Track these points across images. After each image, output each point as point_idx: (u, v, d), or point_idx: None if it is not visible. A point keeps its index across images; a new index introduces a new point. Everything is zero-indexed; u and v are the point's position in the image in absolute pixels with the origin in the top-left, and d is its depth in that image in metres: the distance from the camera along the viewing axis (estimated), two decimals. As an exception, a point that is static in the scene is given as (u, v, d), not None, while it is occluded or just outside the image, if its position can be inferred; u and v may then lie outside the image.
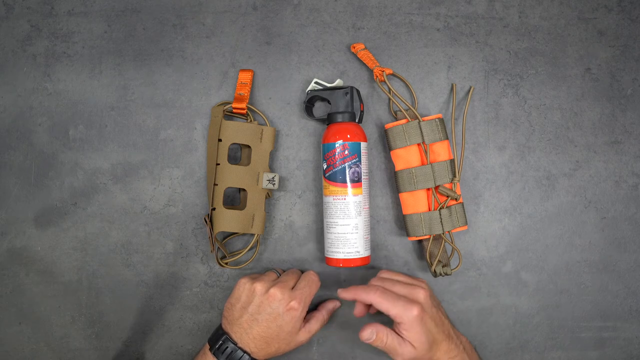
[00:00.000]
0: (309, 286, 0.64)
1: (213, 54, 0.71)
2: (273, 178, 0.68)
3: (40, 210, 0.71)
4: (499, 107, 0.71)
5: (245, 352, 0.61)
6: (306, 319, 0.65)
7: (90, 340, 0.71)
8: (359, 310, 0.66)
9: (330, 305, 0.69)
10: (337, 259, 0.65)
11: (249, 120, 0.70)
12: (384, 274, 0.65)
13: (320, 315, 0.66)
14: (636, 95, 0.72)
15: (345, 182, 0.65)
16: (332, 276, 0.71)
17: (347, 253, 0.65)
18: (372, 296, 0.60)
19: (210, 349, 0.62)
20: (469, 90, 0.70)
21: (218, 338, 0.62)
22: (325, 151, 0.66)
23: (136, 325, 0.71)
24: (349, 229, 0.65)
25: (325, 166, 0.66)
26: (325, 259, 0.68)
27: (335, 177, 0.65)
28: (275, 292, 0.62)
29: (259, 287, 0.63)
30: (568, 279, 0.71)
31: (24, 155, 0.71)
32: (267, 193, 0.69)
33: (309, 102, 0.70)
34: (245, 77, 0.70)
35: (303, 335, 0.64)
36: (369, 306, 0.67)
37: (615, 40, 0.72)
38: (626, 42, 0.72)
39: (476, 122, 0.71)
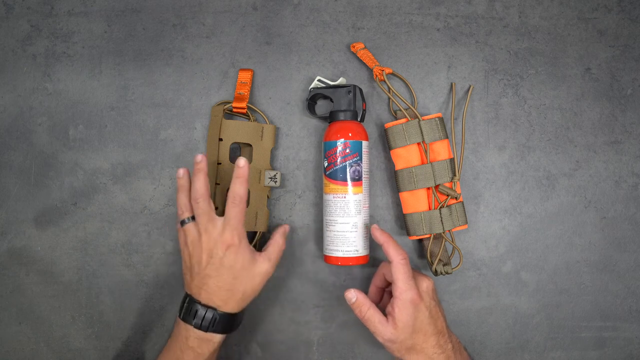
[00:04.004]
0: (235, 208, 0.60)
1: (213, 54, 0.71)
2: (275, 176, 0.68)
3: (40, 210, 0.71)
4: (499, 107, 0.72)
5: (210, 307, 0.60)
6: (263, 248, 0.64)
7: (90, 340, 0.71)
8: (373, 295, 0.67)
9: (281, 229, 0.67)
10: (335, 257, 0.65)
11: (252, 119, 0.70)
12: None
13: (275, 241, 0.64)
14: (636, 95, 0.72)
15: (345, 180, 0.65)
16: (330, 275, 0.71)
17: (346, 251, 0.65)
18: (398, 255, 0.60)
19: (179, 316, 0.61)
20: (468, 89, 0.71)
21: (183, 302, 0.62)
22: (326, 149, 0.66)
23: (136, 325, 0.71)
24: (348, 227, 0.65)
25: (326, 164, 0.66)
26: (323, 257, 0.68)
27: (335, 175, 0.65)
28: (205, 238, 0.60)
29: (190, 239, 0.61)
30: (568, 279, 0.71)
31: (24, 155, 0.71)
32: (268, 193, 0.69)
33: (311, 100, 0.70)
34: (245, 76, 0.70)
35: (264, 264, 0.62)
36: (382, 296, 0.67)
37: (615, 40, 0.72)
38: (626, 42, 0.72)
39: (476, 122, 0.71)
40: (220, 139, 0.68)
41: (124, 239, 0.71)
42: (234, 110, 0.69)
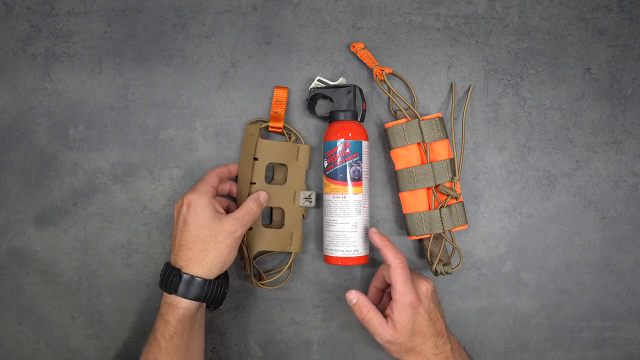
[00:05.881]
0: (208, 175, 0.64)
1: (213, 54, 0.71)
2: (310, 196, 0.68)
3: (40, 210, 0.71)
4: (499, 107, 0.72)
5: (174, 267, 0.59)
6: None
7: (90, 340, 0.71)
8: (373, 296, 0.67)
9: (255, 194, 0.64)
10: (335, 257, 0.65)
11: (291, 140, 0.69)
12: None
13: (245, 204, 0.62)
14: (636, 95, 0.72)
15: (345, 180, 0.65)
16: (330, 275, 0.71)
17: (346, 251, 0.65)
18: (396, 259, 0.60)
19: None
20: (468, 89, 0.71)
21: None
22: (326, 149, 0.66)
23: (136, 325, 0.71)
24: (348, 227, 0.65)
25: (326, 164, 0.66)
26: (323, 257, 0.68)
27: (335, 175, 0.65)
28: (179, 202, 0.62)
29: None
30: (568, 279, 0.71)
31: (24, 155, 0.71)
32: (303, 213, 0.69)
33: (312, 100, 0.70)
34: (280, 94, 0.69)
35: (229, 223, 0.59)
36: (382, 297, 0.68)
37: (615, 40, 0.72)
38: (626, 42, 0.72)
39: (476, 122, 0.71)
40: (256, 159, 0.67)
41: (124, 239, 0.71)
42: (270, 129, 0.69)
